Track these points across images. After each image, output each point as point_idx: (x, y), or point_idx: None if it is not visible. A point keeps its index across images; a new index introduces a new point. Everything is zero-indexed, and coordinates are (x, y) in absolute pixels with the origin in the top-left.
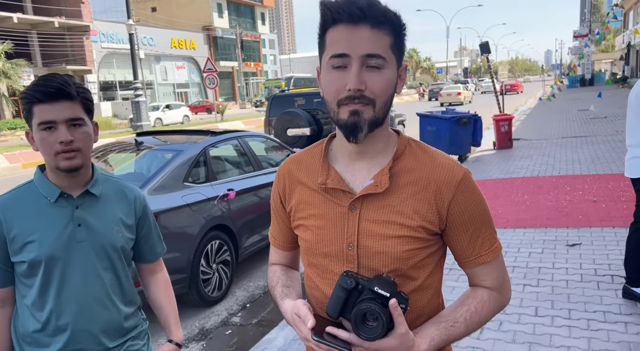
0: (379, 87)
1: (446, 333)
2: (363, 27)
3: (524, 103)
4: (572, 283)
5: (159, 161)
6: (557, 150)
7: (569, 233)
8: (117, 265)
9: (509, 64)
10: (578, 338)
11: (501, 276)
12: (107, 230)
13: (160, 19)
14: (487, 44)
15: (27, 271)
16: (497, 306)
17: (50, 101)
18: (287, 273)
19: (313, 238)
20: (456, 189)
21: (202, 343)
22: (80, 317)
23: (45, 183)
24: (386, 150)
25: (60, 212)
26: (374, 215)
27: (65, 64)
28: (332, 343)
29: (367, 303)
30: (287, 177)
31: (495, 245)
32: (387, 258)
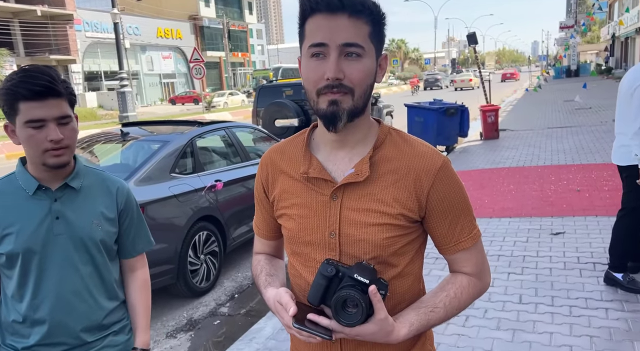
0: (357, 76)
1: (425, 318)
2: (341, 16)
3: (510, 94)
4: (556, 271)
5: (145, 152)
6: (543, 141)
7: (553, 222)
8: (97, 259)
9: (496, 55)
10: (560, 324)
11: (480, 262)
12: (85, 224)
13: (145, 8)
14: (474, 35)
15: (6, 264)
16: (476, 291)
17: (39, 99)
18: (271, 262)
19: (296, 227)
20: (435, 177)
21: (191, 333)
22: (57, 310)
23: (24, 176)
24: (367, 139)
25: (38, 205)
26: (355, 203)
27: (48, 53)
28: (313, 330)
29: (347, 290)
30: (269, 166)
31: (474, 232)
32: (368, 245)
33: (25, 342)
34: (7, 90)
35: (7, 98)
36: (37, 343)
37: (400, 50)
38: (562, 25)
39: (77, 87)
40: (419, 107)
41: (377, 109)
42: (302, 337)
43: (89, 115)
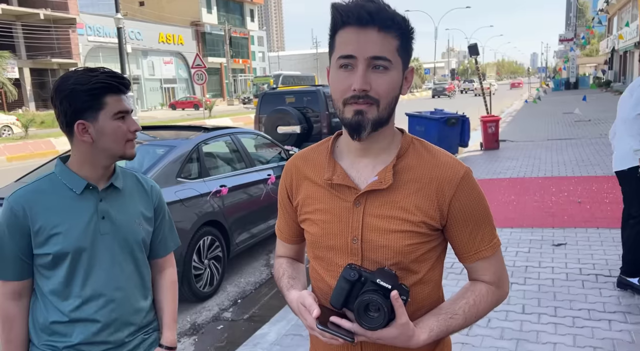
0: (383, 88)
1: (445, 325)
2: (370, 30)
3: (510, 105)
4: (558, 282)
5: (151, 156)
6: (543, 152)
7: (554, 233)
8: (139, 258)
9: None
10: (564, 334)
11: (499, 271)
12: (129, 223)
13: (148, 14)
14: (476, 46)
15: (51, 264)
16: (495, 300)
17: (122, 93)
18: (293, 265)
19: (319, 231)
20: (457, 187)
21: (194, 337)
22: (103, 309)
23: (70, 176)
24: (390, 148)
25: (85, 204)
26: (377, 210)
27: (50, 56)
28: (336, 332)
29: (369, 295)
30: (294, 172)
31: (494, 241)
32: (390, 251)
33: (68, 341)
34: (103, 83)
35: (97, 93)
36: (81, 341)
37: None
38: (562, 37)
39: None
40: (420, 117)
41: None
42: (324, 339)
43: None
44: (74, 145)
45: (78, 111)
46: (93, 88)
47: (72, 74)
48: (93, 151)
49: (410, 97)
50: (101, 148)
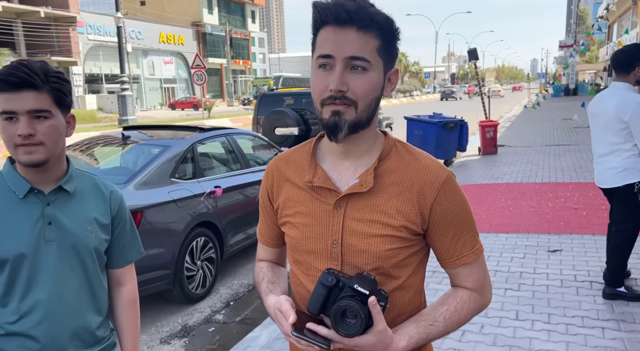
0: (361, 90)
1: (425, 332)
2: (349, 30)
3: (509, 110)
4: (553, 288)
5: (145, 156)
6: (541, 158)
7: (550, 239)
8: (89, 268)
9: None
10: (557, 342)
11: (482, 277)
12: (79, 230)
13: (149, 13)
14: (475, 51)
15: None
16: (477, 307)
17: (13, 90)
18: (274, 269)
19: (299, 235)
20: (439, 191)
21: (185, 339)
22: (46, 323)
23: (14, 177)
24: (372, 150)
25: (30, 209)
26: (358, 214)
27: (50, 54)
28: (312, 339)
29: (346, 301)
30: (275, 174)
31: (477, 247)
32: (370, 256)
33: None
34: None
35: None
36: None
37: (400, 64)
38: (562, 44)
39: (77, 89)
40: (419, 120)
41: (377, 121)
42: (300, 346)
43: (88, 118)
44: None
45: None
46: None
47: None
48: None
49: (410, 100)
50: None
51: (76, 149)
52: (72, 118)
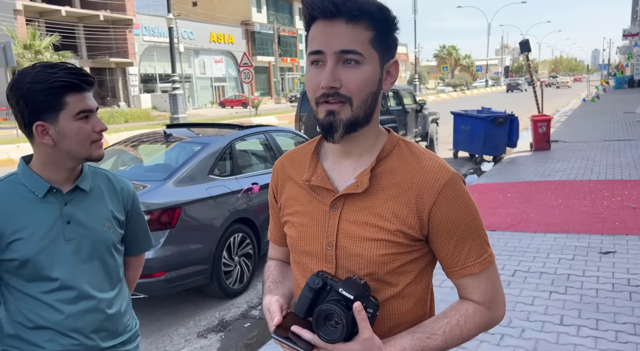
0: (355, 84)
1: (420, 345)
2: (338, 23)
3: (566, 104)
4: (603, 293)
5: (186, 153)
6: (598, 154)
7: (603, 241)
8: (109, 263)
9: (553, 63)
10: (604, 350)
11: (490, 290)
12: (98, 227)
13: (200, 13)
14: (528, 42)
15: (17, 269)
16: (484, 322)
17: (85, 91)
18: (281, 268)
19: (296, 235)
20: (438, 194)
21: (221, 334)
22: (71, 317)
23: (32, 178)
24: (373, 149)
25: (48, 208)
26: (353, 215)
27: (108, 56)
28: (292, 343)
29: (329, 304)
30: (280, 172)
31: (484, 257)
32: (363, 261)
33: (35, 349)
34: (55, 83)
35: (56, 92)
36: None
37: (451, 57)
38: (626, 32)
39: (133, 88)
40: (466, 115)
41: (422, 116)
42: (283, 349)
43: (143, 116)
44: (34, 146)
45: (36, 112)
46: (51, 87)
47: (30, 71)
48: (55, 153)
49: (460, 94)
50: (64, 150)
51: (126, 145)
52: None
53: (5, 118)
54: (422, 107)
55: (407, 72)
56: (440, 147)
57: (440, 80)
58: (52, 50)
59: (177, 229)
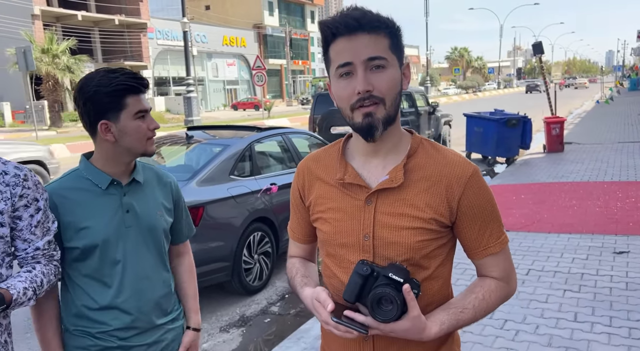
0: (385, 86)
1: (455, 319)
2: (361, 35)
3: (579, 106)
4: (616, 291)
5: (207, 154)
6: (612, 155)
7: (617, 241)
8: (162, 248)
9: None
10: (618, 345)
11: (507, 267)
12: (151, 215)
13: (213, 17)
14: (541, 44)
15: (80, 256)
16: (504, 295)
17: (142, 92)
18: (305, 264)
19: (331, 229)
20: (466, 185)
21: (242, 329)
22: (134, 296)
23: (94, 172)
24: (399, 147)
25: (110, 199)
26: (389, 208)
27: (123, 59)
28: (351, 325)
29: (382, 288)
30: (306, 173)
31: (502, 238)
32: (401, 248)
33: (101, 327)
34: (118, 86)
35: (119, 94)
36: (115, 328)
37: (462, 59)
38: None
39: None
40: (479, 117)
41: (435, 118)
42: (338, 332)
43: (157, 119)
44: (97, 143)
45: (101, 111)
46: (115, 90)
47: (94, 75)
48: (116, 149)
49: (472, 96)
50: (124, 146)
51: None
52: None
53: (23, 121)
54: (435, 109)
55: (418, 74)
56: (452, 148)
57: (452, 82)
58: (68, 54)
59: (200, 227)
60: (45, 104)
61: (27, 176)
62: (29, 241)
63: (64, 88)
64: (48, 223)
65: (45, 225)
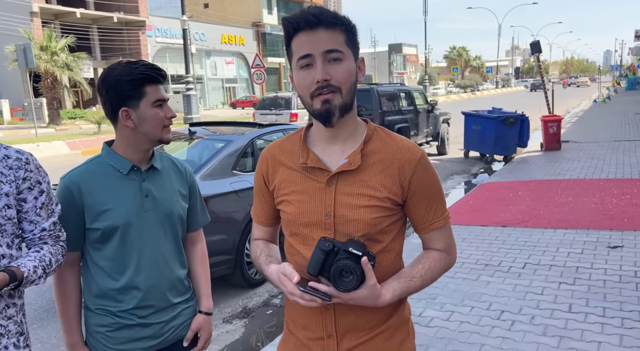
0: (342, 76)
1: (406, 286)
2: (319, 30)
3: (577, 105)
4: (610, 284)
5: (210, 150)
6: (608, 154)
7: (611, 236)
8: (177, 232)
9: (564, 64)
10: (610, 334)
11: (449, 240)
12: (168, 200)
13: (212, 15)
14: (539, 43)
15: (101, 238)
16: (446, 265)
17: (160, 83)
18: (268, 245)
19: (295, 210)
20: (416, 167)
21: (245, 320)
22: (151, 277)
23: (116, 158)
24: (356, 134)
25: (131, 184)
26: (348, 189)
27: (122, 57)
28: (315, 293)
29: (343, 261)
30: (270, 160)
31: (446, 214)
32: (359, 224)
33: (121, 306)
34: (138, 75)
35: (138, 82)
36: (134, 306)
37: (461, 58)
38: (638, 33)
39: None
40: (477, 115)
41: (434, 116)
42: (303, 301)
43: None
44: (118, 130)
45: (122, 99)
46: (135, 78)
47: (117, 66)
48: (135, 135)
49: (471, 96)
50: (142, 132)
51: None
52: None
53: (22, 118)
54: (434, 107)
55: (417, 73)
56: (451, 147)
57: (450, 81)
58: (67, 52)
59: None
60: (43, 102)
61: (28, 159)
62: (35, 222)
63: (62, 86)
64: (52, 206)
65: (50, 207)
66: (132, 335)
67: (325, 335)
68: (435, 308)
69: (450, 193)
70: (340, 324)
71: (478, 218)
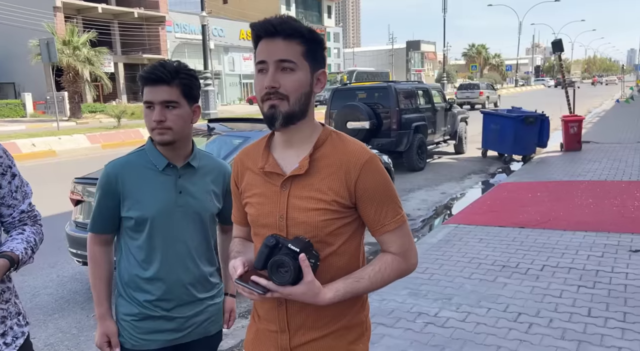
0: (291, 85)
1: (351, 287)
2: (277, 39)
3: (598, 105)
4: (631, 288)
5: (227, 146)
6: (631, 155)
7: (633, 239)
8: (207, 229)
9: (586, 63)
10: (631, 340)
11: (405, 243)
12: (202, 198)
13: (230, 11)
14: (560, 42)
15: (134, 227)
16: (401, 269)
17: (151, 85)
18: (244, 243)
19: (255, 212)
20: (361, 170)
21: None
22: (177, 270)
23: (155, 154)
24: (311, 139)
25: (166, 179)
26: (299, 192)
27: (141, 52)
28: (251, 287)
29: (280, 256)
30: (239, 165)
31: (398, 217)
32: (308, 226)
33: (147, 296)
34: (139, 77)
35: (140, 83)
36: (159, 297)
37: (480, 56)
38: None
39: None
40: (496, 115)
41: (452, 115)
42: (244, 293)
43: None
44: None
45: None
46: (139, 77)
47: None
48: None
49: None
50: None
51: None
52: (198, 108)
53: (44, 111)
54: (452, 105)
55: (435, 70)
56: (469, 146)
57: (468, 79)
58: (89, 46)
59: None
60: (65, 95)
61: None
62: (13, 206)
63: (83, 80)
64: (24, 187)
65: (23, 189)
66: (156, 326)
67: (279, 329)
68: (452, 309)
69: (467, 193)
70: (293, 320)
71: (495, 219)
